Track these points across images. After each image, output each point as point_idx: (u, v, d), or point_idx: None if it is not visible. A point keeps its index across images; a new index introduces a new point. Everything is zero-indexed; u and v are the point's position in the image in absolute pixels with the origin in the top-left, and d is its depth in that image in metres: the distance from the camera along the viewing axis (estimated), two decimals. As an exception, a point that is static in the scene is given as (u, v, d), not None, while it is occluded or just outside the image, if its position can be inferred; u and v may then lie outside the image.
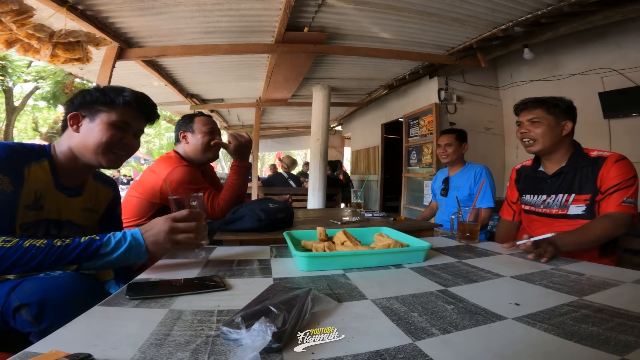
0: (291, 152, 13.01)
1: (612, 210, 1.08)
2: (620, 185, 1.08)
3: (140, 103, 0.95)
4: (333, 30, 2.84)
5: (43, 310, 0.63)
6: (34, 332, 0.64)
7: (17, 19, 1.89)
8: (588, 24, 2.55)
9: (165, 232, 0.77)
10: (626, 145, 2.88)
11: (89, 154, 0.89)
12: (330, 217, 1.76)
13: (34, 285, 0.67)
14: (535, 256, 0.89)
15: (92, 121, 0.89)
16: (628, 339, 0.45)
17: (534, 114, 1.21)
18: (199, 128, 1.53)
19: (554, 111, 1.19)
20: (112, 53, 2.82)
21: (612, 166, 1.11)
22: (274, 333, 0.41)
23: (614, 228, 1.05)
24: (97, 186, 1.05)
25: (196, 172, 1.49)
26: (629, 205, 1.07)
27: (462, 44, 3.10)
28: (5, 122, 10.00)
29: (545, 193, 1.24)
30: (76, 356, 0.37)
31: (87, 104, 0.90)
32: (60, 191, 0.89)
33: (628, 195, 1.07)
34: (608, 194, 1.10)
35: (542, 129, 1.18)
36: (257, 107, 5.43)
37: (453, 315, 0.53)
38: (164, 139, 16.54)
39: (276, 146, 9.61)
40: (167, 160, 1.49)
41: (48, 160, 0.87)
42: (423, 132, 4.12)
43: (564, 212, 1.18)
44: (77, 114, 0.90)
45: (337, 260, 0.81)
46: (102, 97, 0.90)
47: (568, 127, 1.19)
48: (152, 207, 1.42)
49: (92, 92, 0.91)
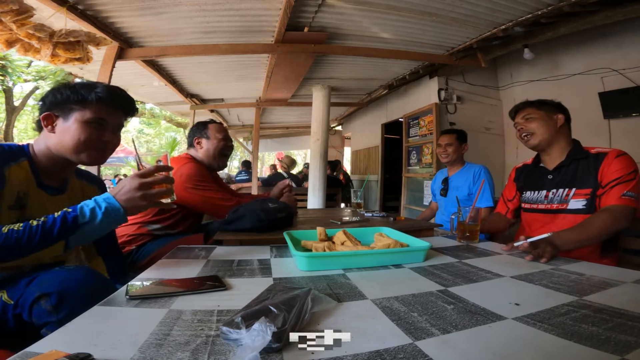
0: (291, 152, 13.00)
1: (613, 204, 1.07)
2: (621, 179, 1.08)
3: (114, 98, 0.90)
4: (333, 30, 2.84)
5: (63, 299, 0.65)
6: (51, 322, 0.65)
7: (17, 18, 1.89)
8: (588, 24, 2.55)
9: (136, 188, 0.77)
10: (626, 146, 2.85)
11: (69, 153, 0.87)
12: (330, 217, 1.76)
13: (52, 277, 0.69)
14: (533, 257, 0.88)
15: (66, 120, 0.86)
16: (628, 339, 0.45)
17: (526, 112, 1.30)
18: (214, 134, 1.59)
19: (544, 107, 1.28)
20: (112, 53, 2.82)
21: (613, 160, 1.12)
22: (274, 333, 0.42)
23: (615, 222, 1.04)
24: (82, 184, 1.03)
25: (206, 172, 1.53)
26: (629, 198, 1.06)
27: (462, 44, 3.10)
28: (5, 122, 9.99)
29: (546, 188, 1.26)
30: (76, 356, 0.38)
31: (59, 103, 0.86)
32: (42, 190, 0.88)
33: (629, 188, 1.07)
34: (609, 188, 1.10)
35: (537, 122, 1.26)
36: (257, 107, 5.43)
37: (453, 315, 0.53)
38: (163, 139, 16.54)
39: (276, 146, 9.61)
40: (178, 159, 1.55)
41: (27, 159, 0.86)
42: (423, 132, 4.12)
43: (563, 207, 1.19)
44: (50, 114, 0.86)
45: (337, 260, 0.81)
46: (74, 94, 0.86)
47: (561, 119, 1.25)
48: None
49: (62, 90, 0.87)
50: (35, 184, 0.86)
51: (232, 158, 14.73)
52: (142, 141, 16.44)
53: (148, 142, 16.69)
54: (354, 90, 4.97)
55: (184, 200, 1.43)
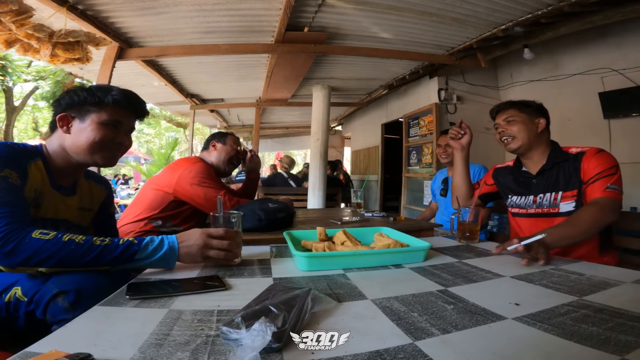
0: (291, 152, 13.00)
1: (598, 196, 1.06)
2: (602, 174, 1.08)
3: (129, 101, 0.94)
4: (333, 30, 2.84)
5: (80, 297, 0.67)
6: (66, 319, 0.65)
7: (16, 19, 1.89)
8: (588, 24, 2.55)
9: (199, 246, 0.78)
10: (626, 145, 2.88)
11: (84, 153, 0.89)
12: (330, 217, 1.76)
13: (69, 275, 0.70)
14: (529, 261, 0.84)
15: (82, 122, 0.89)
16: (628, 339, 0.45)
17: (508, 114, 1.27)
18: (230, 143, 1.74)
19: (526, 110, 1.26)
20: (112, 53, 2.82)
21: (592, 157, 1.12)
22: (274, 333, 0.41)
23: (603, 215, 1.03)
24: (90, 185, 1.05)
25: (214, 172, 1.61)
26: (614, 191, 1.06)
27: (462, 44, 3.10)
28: (5, 122, 9.99)
29: (533, 193, 1.24)
30: (76, 356, 0.37)
31: (75, 104, 0.89)
32: (56, 190, 0.89)
33: (611, 182, 1.06)
34: (591, 182, 1.09)
35: (518, 126, 1.24)
36: (257, 107, 5.43)
37: (453, 315, 0.53)
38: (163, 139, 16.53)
39: (276, 146, 9.61)
40: (190, 158, 1.67)
41: (42, 160, 0.88)
42: (423, 132, 4.12)
43: (555, 211, 1.18)
44: (67, 115, 0.89)
45: (337, 260, 0.81)
46: (91, 97, 0.89)
47: (542, 123, 1.24)
48: (165, 198, 1.48)
49: (79, 92, 0.90)
50: (50, 184, 0.88)
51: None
52: (142, 141, 16.44)
53: (148, 142, 16.69)
54: (354, 90, 4.97)
55: (188, 195, 1.47)
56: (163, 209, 1.47)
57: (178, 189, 1.47)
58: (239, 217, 0.87)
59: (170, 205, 1.48)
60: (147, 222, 1.45)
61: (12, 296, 0.72)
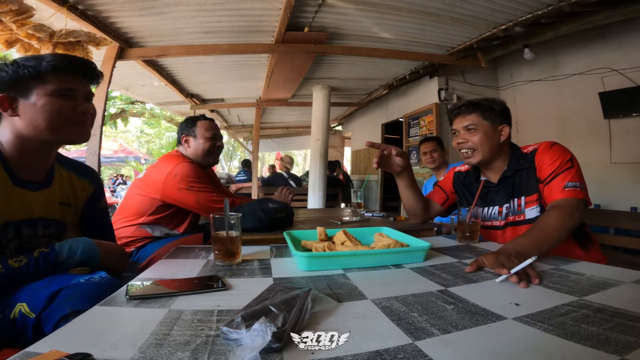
0: (291, 152, 12.99)
1: (559, 198, 0.98)
2: (557, 170, 1.01)
3: (70, 63, 0.80)
4: (333, 30, 2.84)
5: None
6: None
7: (17, 18, 1.89)
8: (588, 24, 2.55)
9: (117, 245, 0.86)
10: (626, 145, 2.88)
11: (46, 133, 0.77)
12: (330, 217, 1.76)
13: (81, 292, 0.66)
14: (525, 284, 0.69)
15: (27, 99, 0.76)
16: (628, 339, 0.45)
17: (469, 121, 1.14)
18: (202, 133, 1.53)
19: (489, 115, 1.13)
20: (112, 53, 2.82)
21: (545, 153, 1.05)
22: (274, 333, 0.41)
23: (569, 218, 0.92)
24: (70, 176, 0.93)
25: (200, 170, 1.50)
26: (573, 189, 0.97)
27: (462, 44, 3.10)
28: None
29: (498, 204, 1.16)
30: (76, 356, 0.37)
31: (8, 82, 0.75)
32: (22, 187, 0.78)
33: (569, 178, 0.99)
34: (548, 181, 1.02)
35: (480, 137, 1.11)
36: (257, 107, 5.43)
37: (453, 315, 0.53)
38: (163, 138, 16.53)
39: (276, 146, 9.61)
40: (170, 158, 1.52)
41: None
42: (423, 132, 4.11)
43: (521, 218, 1.10)
44: (4, 95, 0.75)
45: (337, 260, 0.81)
46: (22, 69, 0.75)
47: (505, 132, 1.13)
48: (153, 203, 1.42)
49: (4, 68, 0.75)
50: (11, 182, 0.76)
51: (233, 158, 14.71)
52: (142, 141, 16.42)
53: (148, 142, 16.68)
54: (354, 90, 4.97)
55: (178, 200, 1.42)
56: (152, 212, 1.42)
57: (166, 193, 1.40)
58: (237, 219, 0.87)
59: (159, 209, 1.43)
60: (138, 226, 1.42)
61: (16, 313, 0.65)
